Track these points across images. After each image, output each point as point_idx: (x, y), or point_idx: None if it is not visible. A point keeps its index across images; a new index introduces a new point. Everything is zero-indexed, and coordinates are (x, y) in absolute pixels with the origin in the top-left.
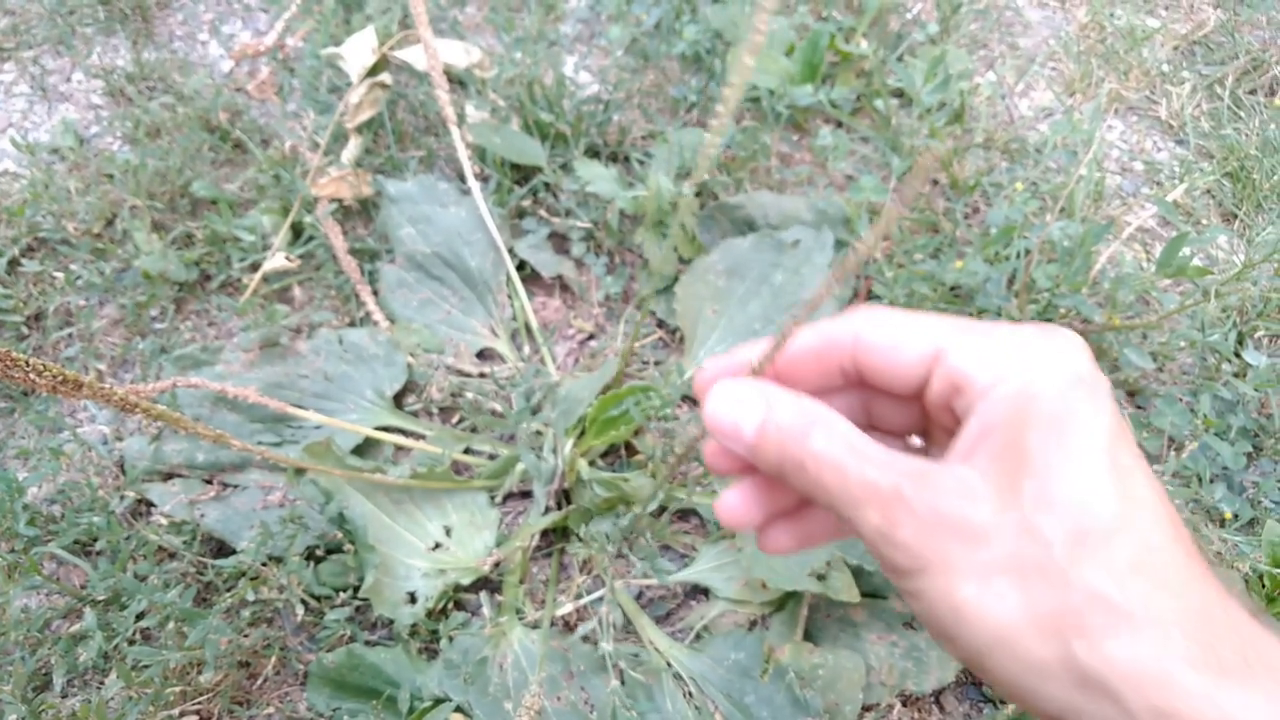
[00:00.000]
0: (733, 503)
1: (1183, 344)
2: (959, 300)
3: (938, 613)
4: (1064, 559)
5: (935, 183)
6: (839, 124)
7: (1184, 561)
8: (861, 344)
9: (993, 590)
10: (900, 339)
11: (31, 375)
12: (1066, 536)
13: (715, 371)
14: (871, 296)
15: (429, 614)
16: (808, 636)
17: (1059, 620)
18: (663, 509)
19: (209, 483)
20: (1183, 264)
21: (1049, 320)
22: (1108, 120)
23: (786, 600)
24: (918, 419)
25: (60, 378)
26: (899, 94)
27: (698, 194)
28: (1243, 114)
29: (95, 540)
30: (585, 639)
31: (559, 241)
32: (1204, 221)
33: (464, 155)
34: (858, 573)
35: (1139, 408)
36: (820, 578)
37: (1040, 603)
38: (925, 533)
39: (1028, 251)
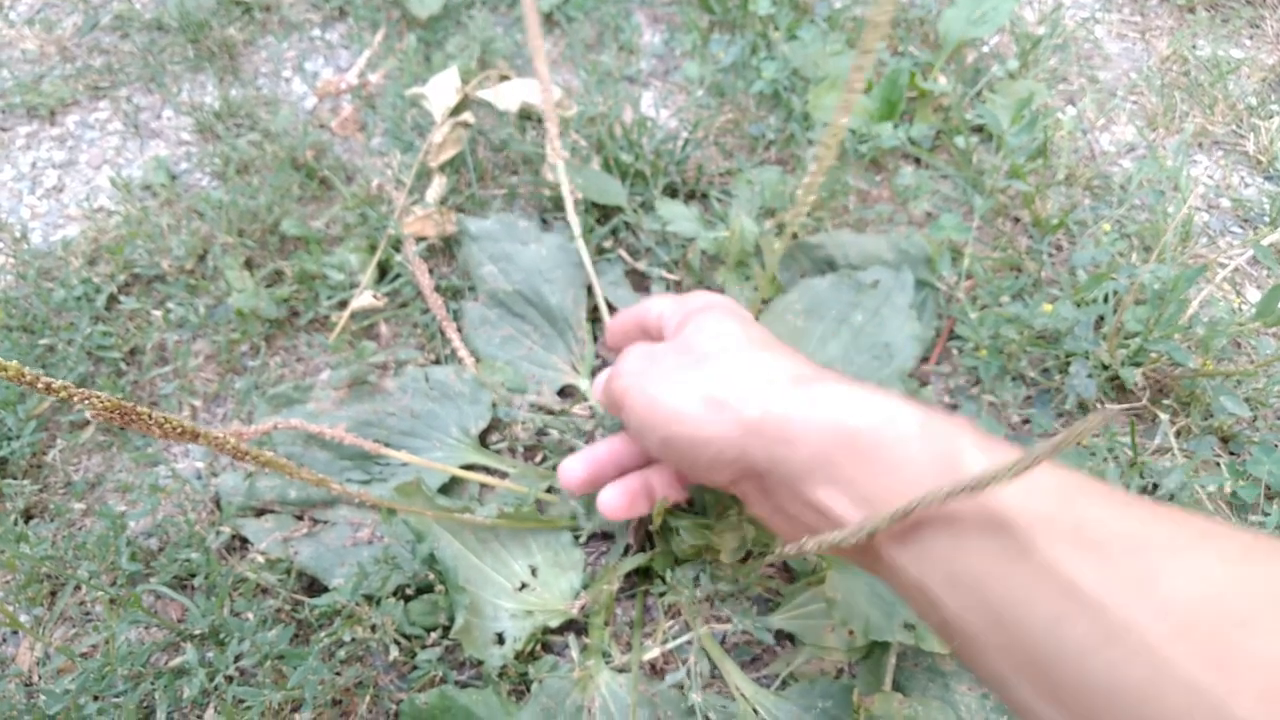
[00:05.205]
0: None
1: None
2: (1044, 343)
3: (640, 406)
4: (707, 361)
5: (1017, 220)
6: (918, 161)
7: (768, 353)
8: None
9: (671, 385)
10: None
11: (154, 427)
12: (706, 353)
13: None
14: (954, 337)
15: (517, 655)
16: (896, 686)
17: (723, 395)
18: (749, 554)
19: (300, 518)
20: None
21: (1138, 365)
22: (1192, 155)
23: (872, 648)
24: None
25: (179, 429)
26: (978, 129)
27: (779, 233)
28: None
29: (193, 576)
30: (675, 687)
31: (637, 279)
32: None
33: (567, 192)
34: None
35: (1234, 455)
36: (910, 627)
37: (704, 388)
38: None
39: (1116, 294)
